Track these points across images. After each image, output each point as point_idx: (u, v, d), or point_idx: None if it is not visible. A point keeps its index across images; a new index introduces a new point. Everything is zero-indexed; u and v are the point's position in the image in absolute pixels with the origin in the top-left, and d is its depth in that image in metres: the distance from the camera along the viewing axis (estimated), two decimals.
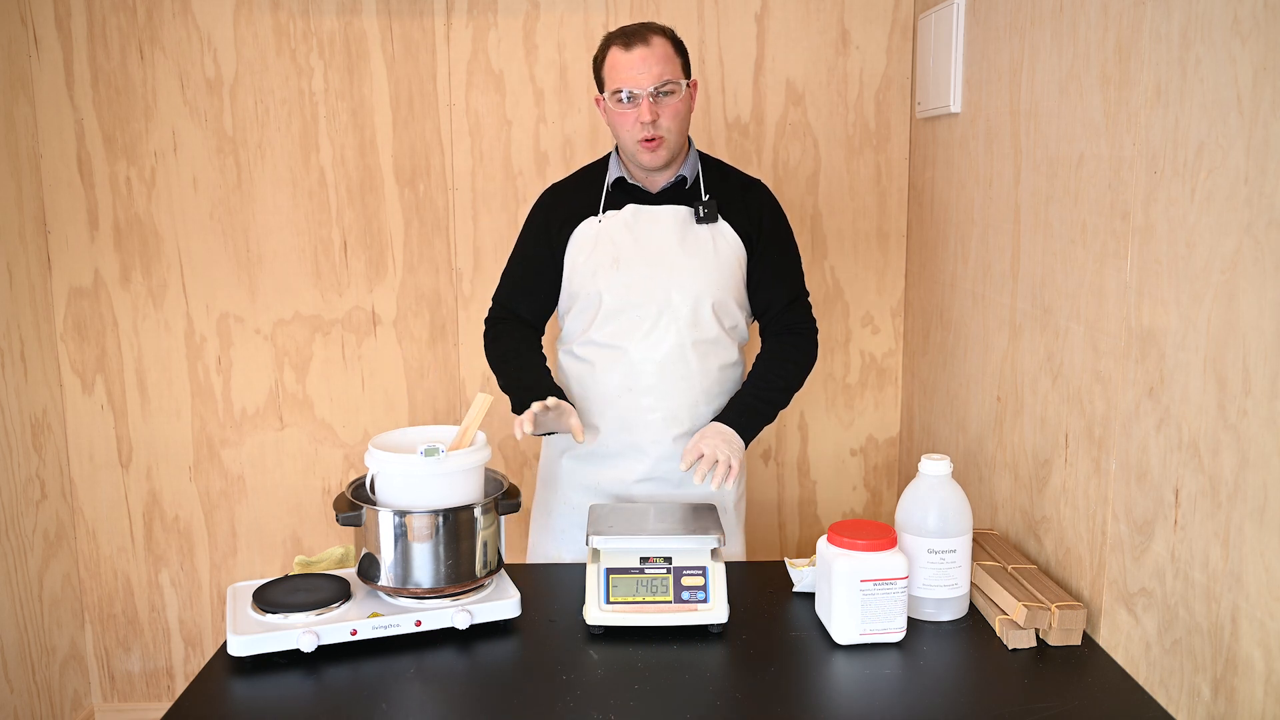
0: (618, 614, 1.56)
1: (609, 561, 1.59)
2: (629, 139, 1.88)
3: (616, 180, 1.96)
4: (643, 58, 1.84)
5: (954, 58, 2.22)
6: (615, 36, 1.88)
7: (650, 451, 1.94)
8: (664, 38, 1.87)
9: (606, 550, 1.61)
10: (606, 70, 1.88)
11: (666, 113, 1.85)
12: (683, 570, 1.58)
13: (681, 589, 1.57)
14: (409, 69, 2.60)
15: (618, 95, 1.85)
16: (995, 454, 2.00)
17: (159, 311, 2.69)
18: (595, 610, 1.56)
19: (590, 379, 1.94)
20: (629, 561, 1.59)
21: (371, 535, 1.57)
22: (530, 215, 2.04)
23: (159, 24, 2.57)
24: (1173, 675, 1.37)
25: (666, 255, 1.91)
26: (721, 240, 1.93)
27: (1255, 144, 1.18)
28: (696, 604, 1.56)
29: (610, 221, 1.94)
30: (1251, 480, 1.19)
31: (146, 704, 2.85)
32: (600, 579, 1.57)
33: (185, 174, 2.63)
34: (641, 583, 1.57)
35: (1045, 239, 1.76)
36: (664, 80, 1.84)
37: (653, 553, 1.60)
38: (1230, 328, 1.23)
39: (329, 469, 2.77)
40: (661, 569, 1.58)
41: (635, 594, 1.56)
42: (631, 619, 1.56)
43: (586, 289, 1.93)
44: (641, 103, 1.84)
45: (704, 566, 1.58)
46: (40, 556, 2.62)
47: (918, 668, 1.48)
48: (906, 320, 2.72)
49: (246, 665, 1.49)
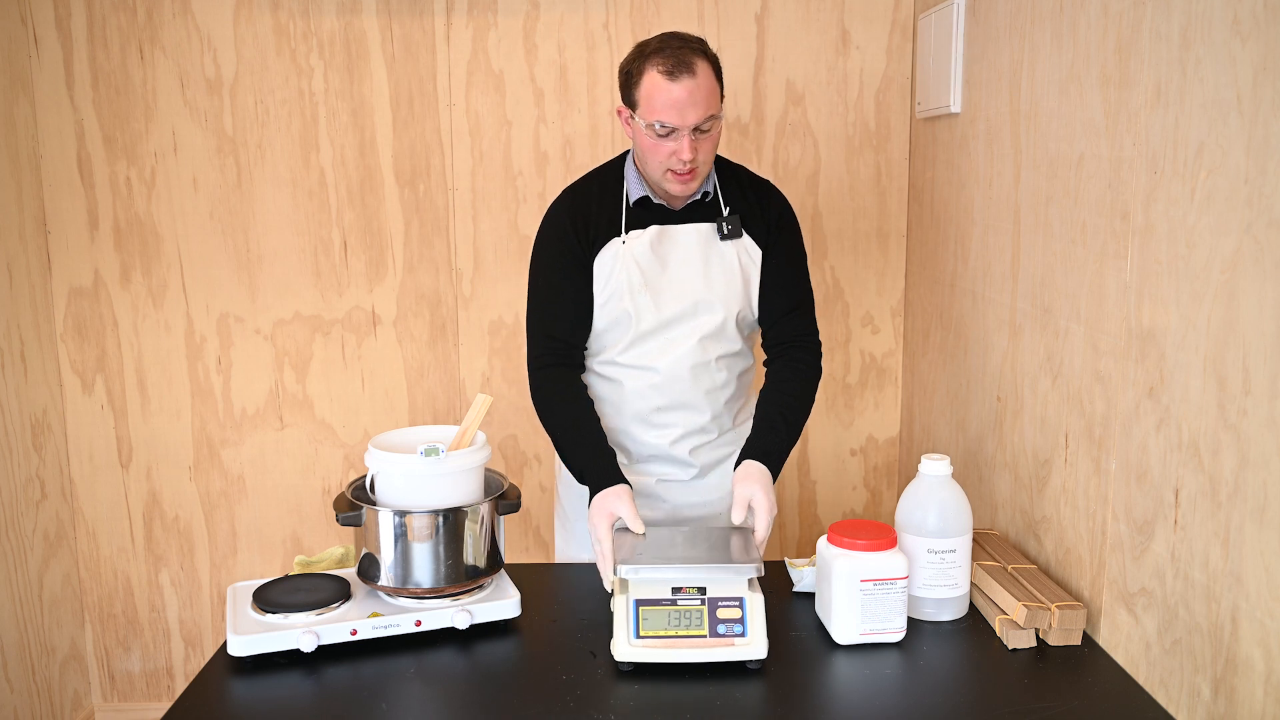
0: (649, 649, 1.45)
1: (639, 592, 1.48)
2: (658, 168, 1.76)
3: (639, 199, 1.85)
4: (689, 92, 1.69)
5: (954, 58, 2.22)
6: (655, 56, 1.71)
7: (675, 457, 1.91)
8: (707, 63, 1.72)
9: (636, 581, 1.50)
10: (643, 95, 1.73)
11: (705, 146, 1.74)
12: (718, 602, 1.47)
13: (717, 622, 1.46)
14: (409, 69, 2.60)
15: (654, 126, 1.71)
16: (995, 454, 2.00)
17: (159, 311, 2.69)
18: (624, 646, 1.45)
19: (619, 397, 1.90)
20: (660, 592, 1.48)
21: (371, 535, 1.57)
22: (546, 239, 1.88)
23: (159, 24, 2.57)
24: (1173, 675, 1.37)
25: (695, 276, 1.84)
26: (744, 254, 1.86)
27: (1255, 144, 1.18)
28: (734, 638, 1.45)
29: (634, 243, 1.83)
30: (1251, 480, 1.19)
31: (146, 704, 2.85)
32: (629, 612, 1.47)
33: (185, 174, 2.63)
34: (674, 615, 1.46)
35: (1045, 239, 1.76)
36: (708, 116, 1.71)
37: (686, 583, 1.49)
38: (1230, 328, 1.23)
39: (329, 469, 2.77)
40: (695, 600, 1.47)
41: (667, 627, 1.46)
42: (664, 655, 1.45)
43: (615, 313, 1.85)
44: (683, 140, 1.70)
45: (741, 598, 1.47)
46: (40, 556, 2.62)
47: (918, 668, 1.48)
48: (906, 320, 2.72)
49: (246, 665, 1.49)
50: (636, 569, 1.50)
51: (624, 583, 1.51)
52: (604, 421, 1.88)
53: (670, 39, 1.74)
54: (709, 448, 1.93)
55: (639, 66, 1.73)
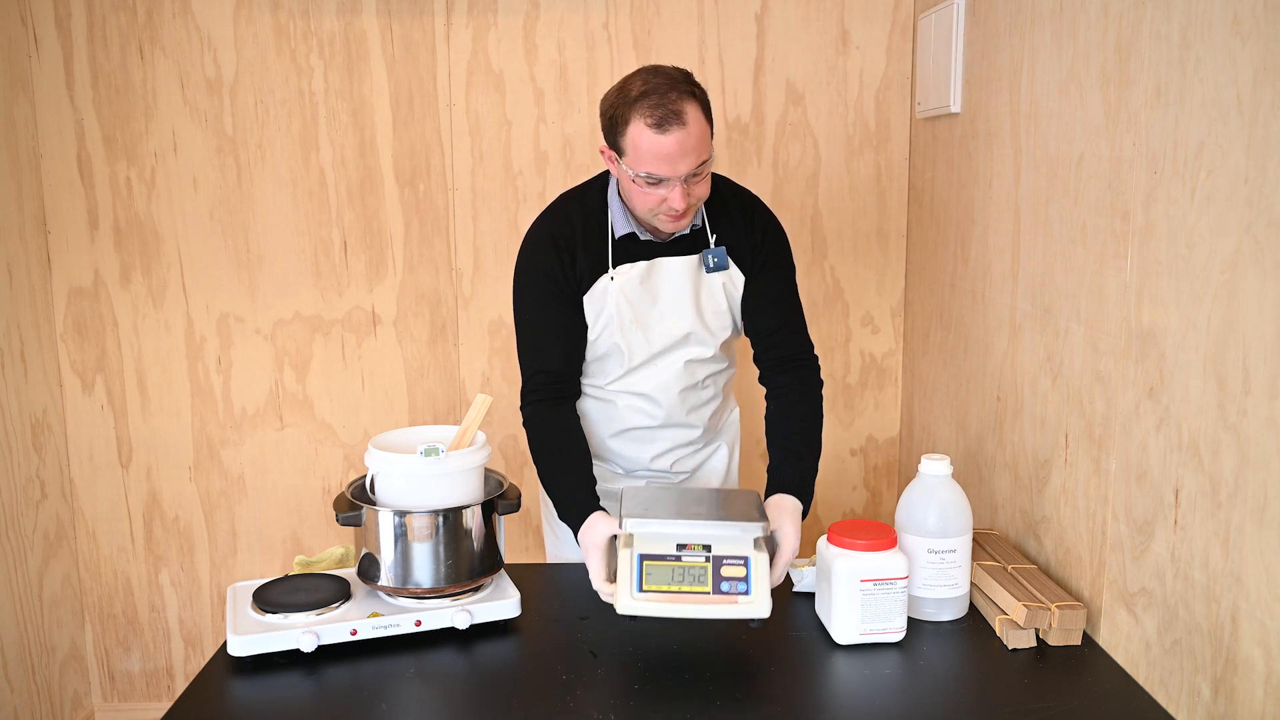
0: (651, 603, 1.45)
1: (643, 547, 1.48)
2: (648, 212, 1.68)
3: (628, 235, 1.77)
4: (679, 144, 1.58)
5: (954, 58, 2.22)
6: (641, 105, 1.58)
7: (661, 470, 1.95)
8: (696, 105, 1.60)
9: (641, 535, 1.49)
10: (629, 145, 1.61)
11: (698, 190, 1.66)
12: (723, 559, 1.47)
13: (721, 579, 1.46)
14: (409, 69, 2.60)
15: (642, 176, 1.62)
16: (995, 454, 2.00)
17: (159, 311, 2.69)
18: (627, 598, 1.45)
19: (612, 417, 1.90)
20: (665, 547, 1.48)
21: (371, 535, 1.57)
22: (530, 272, 1.79)
23: (159, 24, 2.57)
24: (1173, 675, 1.37)
25: (685, 310, 1.81)
26: (729, 283, 1.83)
27: (1255, 144, 1.18)
28: (737, 596, 1.45)
29: (622, 279, 1.77)
30: (1251, 480, 1.19)
31: (146, 704, 2.85)
32: (633, 565, 1.47)
33: (185, 174, 2.63)
34: (678, 571, 1.46)
35: (1045, 239, 1.76)
36: (699, 164, 1.62)
37: (691, 539, 1.48)
38: (1230, 328, 1.23)
39: (329, 469, 2.77)
40: (700, 557, 1.47)
41: (670, 582, 1.46)
42: (666, 609, 1.45)
43: (606, 347, 1.82)
44: (674, 190, 1.61)
45: (746, 556, 1.47)
46: (40, 556, 2.62)
47: (918, 668, 1.48)
48: (906, 320, 2.72)
49: (246, 665, 1.49)
50: (643, 523, 1.49)
51: (630, 537, 1.50)
52: (593, 437, 1.90)
53: (654, 80, 1.60)
54: (692, 457, 1.97)
55: (623, 114, 1.61)
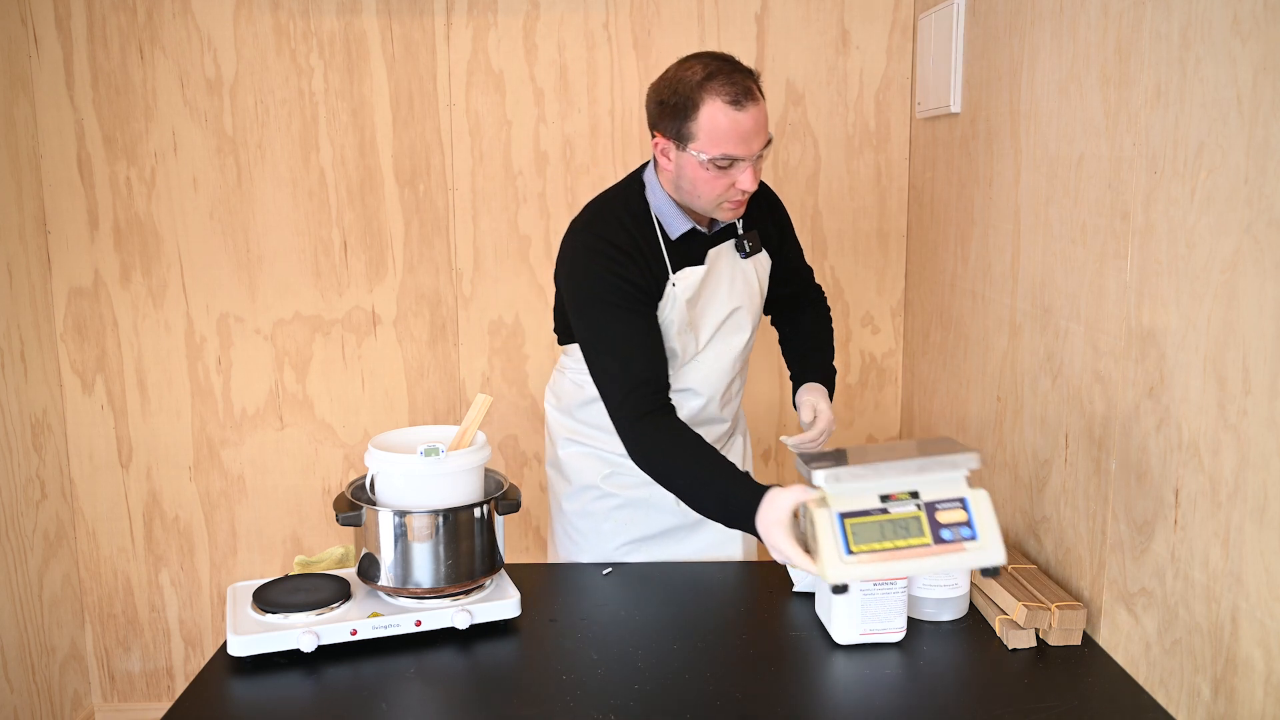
0: (866, 564, 1.28)
1: (841, 505, 1.31)
2: (714, 200, 1.65)
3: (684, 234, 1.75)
4: (754, 119, 1.57)
5: (954, 58, 2.22)
6: (715, 84, 1.56)
7: None
8: (755, 82, 1.61)
9: (836, 492, 1.31)
10: (704, 126, 1.57)
11: (760, 170, 1.65)
12: (935, 505, 1.31)
13: (939, 526, 1.30)
14: (409, 69, 2.60)
15: (715, 160, 1.59)
16: (995, 454, 2.00)
17: (159, 311, 2.69)
18: (836, 564, 1.28)
19: None
20: (868, 502, 1.31)
21: (371, 535, 1.57)
22: (603, 287, 1.69)
23: (159, 24, 2.57)
24: (1173, 675, 1.37)
25: (725, 300, 1.82)
26: (761, 267, 1.87)
27: (1255, 144, 1.18)
28: (963, 542, 1.29)
29: (683, 283, 1.74)
30: (1251, 480, 1.19)
31: (146, 704, 2.85)
32: (835, 527, 1.30)
33: (185, 174, 2.63)
34: (887, 526, 1.30)
35: (1045, 239, 1.76)
36: (767, 143, 1.62)
37: (895, 489, 1.31)
38: (1230, 328, 1.23)
39: (329, 469, 2.77)
40: (909, 506, 1.31)
41: (882, 539, 1.29)
42: (885, 569, 1.29)
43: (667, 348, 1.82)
44: (747, 171, 1.60)
45: (962, 498, 1.31)
46: (40, 556, 2.62)
47: (918, 668, 1.48)
48: (906, 320, 2.72)
49: (246, 665, 1.49)
50: (836, 475, 1.32)
51: (823, 497, 1.33)
52: None
53: (714, 62, 1.61)
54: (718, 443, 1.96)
55: (694, 97, 1.58)
